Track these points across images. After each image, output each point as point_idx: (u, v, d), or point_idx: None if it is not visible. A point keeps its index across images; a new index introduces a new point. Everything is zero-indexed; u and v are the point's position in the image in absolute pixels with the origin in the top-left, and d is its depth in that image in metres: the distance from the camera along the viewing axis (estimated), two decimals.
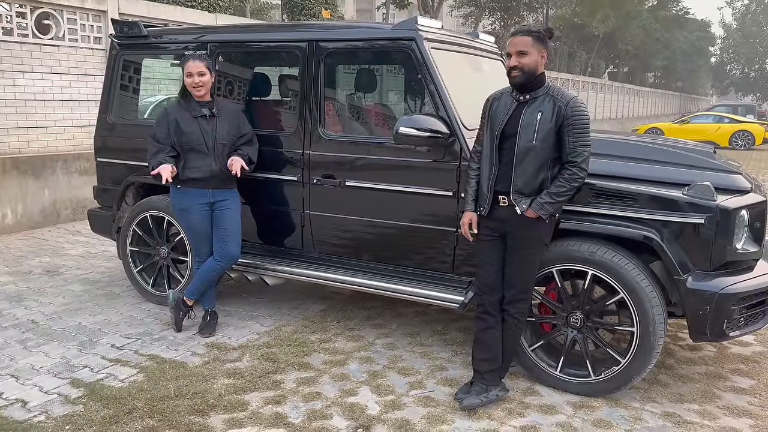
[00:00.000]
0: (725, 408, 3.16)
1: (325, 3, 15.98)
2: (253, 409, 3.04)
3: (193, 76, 3.60)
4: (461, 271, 3.53)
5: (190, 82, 3.61)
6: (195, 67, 3.60)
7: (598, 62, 35.09)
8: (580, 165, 2.83)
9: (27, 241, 6.40)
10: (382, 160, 3.62)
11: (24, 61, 6.84)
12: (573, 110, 2.82)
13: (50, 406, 3.03)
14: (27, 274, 5.24)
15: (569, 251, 3.10)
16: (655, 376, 3.46)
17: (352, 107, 4.50)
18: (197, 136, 3.62)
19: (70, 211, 7.31)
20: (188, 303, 3.91)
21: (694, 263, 2.95)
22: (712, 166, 3.22)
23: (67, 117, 7.34)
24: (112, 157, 4.64)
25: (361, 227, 3.76)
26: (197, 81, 3.60)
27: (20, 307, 4.42)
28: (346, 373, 3.45)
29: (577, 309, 3.18)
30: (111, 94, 4.62)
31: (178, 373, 3.38)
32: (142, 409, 2.98)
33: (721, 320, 2.92)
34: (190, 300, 3.91)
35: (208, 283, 3.86)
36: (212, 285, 3.91)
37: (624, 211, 3.04)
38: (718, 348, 3.92)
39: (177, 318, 3.92)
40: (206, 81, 3.64)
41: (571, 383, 3.23)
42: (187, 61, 3.62)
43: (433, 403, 3.13)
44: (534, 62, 2.86)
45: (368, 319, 4.28)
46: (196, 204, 3.71)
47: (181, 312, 3.91)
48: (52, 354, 3.62)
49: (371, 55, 3.97)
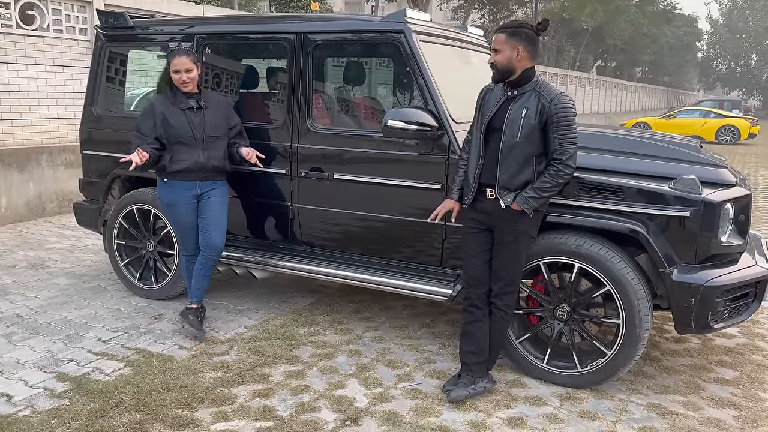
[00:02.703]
0: (709, 399, 3.19)
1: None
2: (241, 402, 3.03)
3: (181, 73, 3.54)
4: (449, 264, 3.54)
5: (177, 79, 3.55)
6: (182, 64, 3.54)
7: (586, 57, 35.25)
8: (566, 162, 2.83)
9: (12, 234, 6.33)
10: (370, 153, 3.61)
11: (8, 52, 6.74)
12: (557, 107, 2.80)
13: (36, 400, 3.01)
14: (12, 267, 5.19)
15: (556, 244, 3.12)
16: (640, 368, 3.49)
17: (340, 100, 4.49)
18: (185, 128, 3.59)
19: (56, 204, 7.24)
20: (193, 306, 3.83)
21: (680, 256, 2.97)
22: (698, 160, 3.25)
23: (52, 109, 7.26)
24: (98, 149, 4.59)
25: (350, 220, 3.75)
26: (185, 78, 3.56)
27: (5, 301, 4.37)
28: (334, 366, 3.45)
29: (563, 301, 3.20)
30: (97, 85, 4.57)
31: (165, 366, 3.36)
32: (128, 403, 2.97)
33: (706, 312, 2.95)
34: (195, 303, 3.84)
35: (203, 280, 3.81)
36: (206, 280, 3.83)
37: (611, 205, 3.05)
38: (703, 340, 3.96)
39: (193, 322, 3.76)
40: (193, 77, 3.59)
41: (557, 375, 3.25)
42: (173, 57, 3.55)
43: (421, 395, 3.14)
44: (506, 59, 2.84)
45: (356, 312, 4.29)
46: (183, 197, 3.68)
47: (191, 316, 3.78)
48: (38, 348, 3.59)
49: (360, 47, 3.95)
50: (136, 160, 3.45)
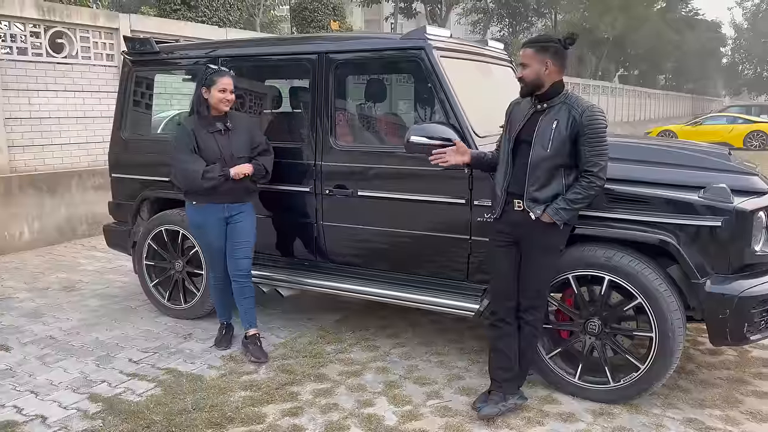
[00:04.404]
0: (748, 413, 3.11)
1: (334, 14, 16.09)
2: (271, 421, 3.04)
3: (227, 92, 3.57)
4: (476, 279, 3.51)
5: (221, 97, 3.56)
6: (228, 84, 3.57)
7: (608, 66, 34.99)
8: (597, 174, 2.80)
9: (44, 257, 6.47)
10: (393, 169, 3.62)
11: (38, 80, 6.93)
12: (588, 119, 2.79)
13: (69, 421, 3.04)
14: (44, 290, 5.29)
15: (585, 257, 3.08)
16: (675, 382, 3.41)
17: (362, 117, 4.51)
18: (214, 151, 3.61)
19: (86, 226, 7.38)
20: (252, 333, 3.83)
21: (713, 266, 2.91)
22: (728, 168, 3.19)
23: (81, 134, 7.42)
24: (127, 172, 4.68)
25: (375, 237, 3.76)
26: (230, 98, 3.60)
27: (38, 323, 4.46)
28: (362, 383, 3.44)
29: (594, 315, 3.15)
30: (124, 110, 4.66)
31: (195, 386, 3.39)
32: (160, 423, 2.99)
33: (742, 324, 2.88)
34: (252, 329, 3.83)
35: (248, 303, 3.80)
36: (250, 302, 3.81)
37: (640, 215, 3.01)
38: (739, 352, 3.86)
39: (254, 350, 3.76)
40: (233, 98, 3.65)
41: (590, 390, 3.19)
42: (220, 77, 3.56)
43: (450, 413, 3.11)
44: (534, 73, 2.84)
45: (383, 328, 4.27)
46: (212, 220, 3.71)
47: (251, 346, 3.79)
48: (71, 369, 3.65)
49: (381, 65, 3.98)
50: (247, 170, 3.60)
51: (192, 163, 3.57)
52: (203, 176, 3.53)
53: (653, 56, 38.44)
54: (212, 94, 3.57)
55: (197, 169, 3.54)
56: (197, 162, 3.57)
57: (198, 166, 3.55)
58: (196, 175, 3.54)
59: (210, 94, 3.58)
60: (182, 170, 3.61)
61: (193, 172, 3.55)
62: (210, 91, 3.57)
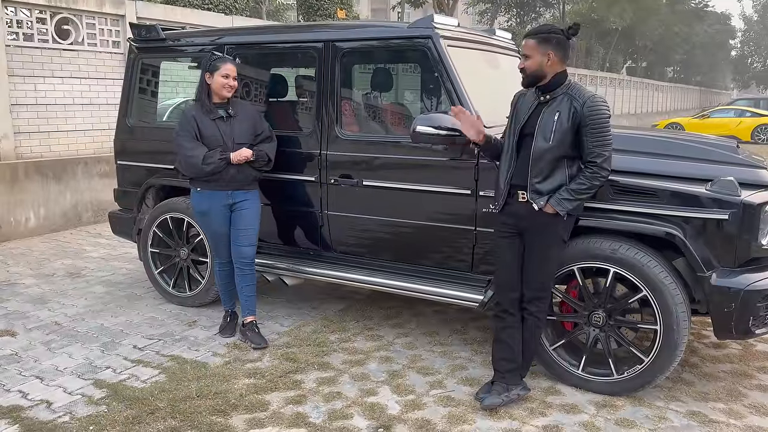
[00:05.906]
0: (751, 406, 3.10)
1: (341, 3, 16.01)
2: (274, 409, 3.05)
3: (229, 78, 3.59)
4: (480, 270, 3.51)
5: (224, 83, 3.58)
6: (232, 71, 3.59)
7: (615, 57, 34.74)
8: (601, 165, 2.78)
9: (50, 243, 6.49)
10: (399, 159, 3.61)
11: (44, 66, 6.93)
12: (590, 110, 2.77)
13: (74, 406, 3.07)
14: (50, 276, 5.31)
15: (590, 249, 3.07)
16: (679, 375, 3.41)
17: (368, 107, 4.50)
18: (216, 138, 3.62)
19: (92, 213, 7.40)
20: (249, 320, 3.84)
21: (719, 260, 2.90)
22: (736, 161, 3.17)
23: (87, 121, 7.43)
24: (132, 159, 4.68)
25: (379, 227, 3.75)
26: (233, 84, 3.61)
27: (44, 309, 4.48)
28: (366, 372, 3.45)
29: (599, 307, 3.14)
30: (130, 97, 4.66)
31: (200, 373, 3.40)
32: (164, 410, 3.01)
33: (747, 317, 2.87)
34: (250, 317, 3.85)
35: (249, 290, 3.82)
36: (251, 290, 3.83)
37: (646, 208, 2.99)
38: (744, 345, 3.85)
39: (252, 336, 3.79)
40: (236, 85, 3.66)
41: (593, 382, 3.19)
42: (223, 63, 3.59)
43: (453, 402, 3.12)
44: (536, 65, 2.82)
45: (387, 318, 4.28)
46: (216, 206, 3.71)
47: (249, 332, 3.81)
48: (76, 355, 3.67)
49: (387, 54, 3.96)
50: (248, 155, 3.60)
51: (193, 149, 3.59)
52: (204, 161, 3.55)
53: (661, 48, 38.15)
54: (215, 80, 3.58)
55: (198, 154, 3.57)
56: (198, 148, 3.59)
57: (199, 152, 3.57)
58: (197, 160, 3.56)
59: (213, 79, 3.59)
60: (184, 156, 3.63)
61: (194, 157, 3.57)
62: (213, 76, 3.59)
